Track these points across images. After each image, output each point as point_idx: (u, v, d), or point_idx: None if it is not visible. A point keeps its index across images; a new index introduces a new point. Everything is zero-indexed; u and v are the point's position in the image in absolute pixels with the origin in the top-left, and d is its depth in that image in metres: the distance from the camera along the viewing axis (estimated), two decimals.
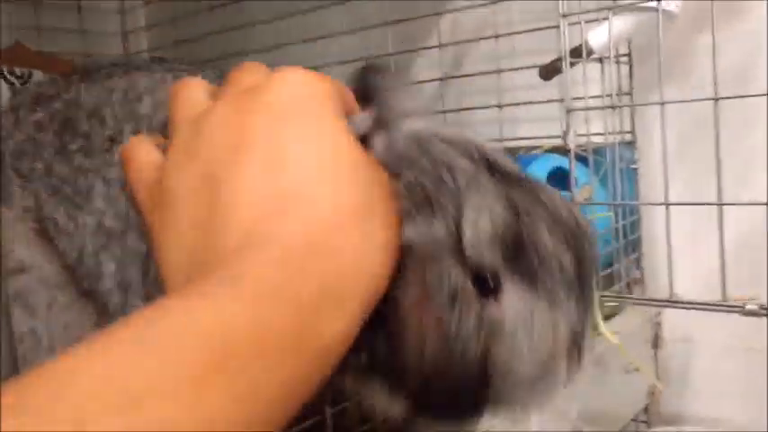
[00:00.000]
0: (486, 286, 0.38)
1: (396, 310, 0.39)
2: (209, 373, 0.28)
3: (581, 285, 0.39)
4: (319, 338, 0.33)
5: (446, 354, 0.38)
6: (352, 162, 0.38)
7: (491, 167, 0.40)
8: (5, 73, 1.19)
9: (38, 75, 1.22)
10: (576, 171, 0.82)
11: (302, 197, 0.36)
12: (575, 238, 0.39)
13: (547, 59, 0.86)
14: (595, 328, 0.73)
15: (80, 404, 0.25)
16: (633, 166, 0.89)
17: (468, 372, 0.39)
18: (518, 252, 0.38)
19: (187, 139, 0.41)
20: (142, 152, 0.44)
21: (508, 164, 0.42)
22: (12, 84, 1.19)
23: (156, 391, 0.26)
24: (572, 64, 0.79)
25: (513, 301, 0.38)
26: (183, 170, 0.40)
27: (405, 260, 0.39)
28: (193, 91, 0.44)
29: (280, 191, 0.37)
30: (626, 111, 0.90)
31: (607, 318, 0.81)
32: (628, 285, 0.87)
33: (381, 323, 0.39)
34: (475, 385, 0.39)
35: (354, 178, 0.38)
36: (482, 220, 0.38)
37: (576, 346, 0.40)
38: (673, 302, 0.74)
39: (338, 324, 0.34)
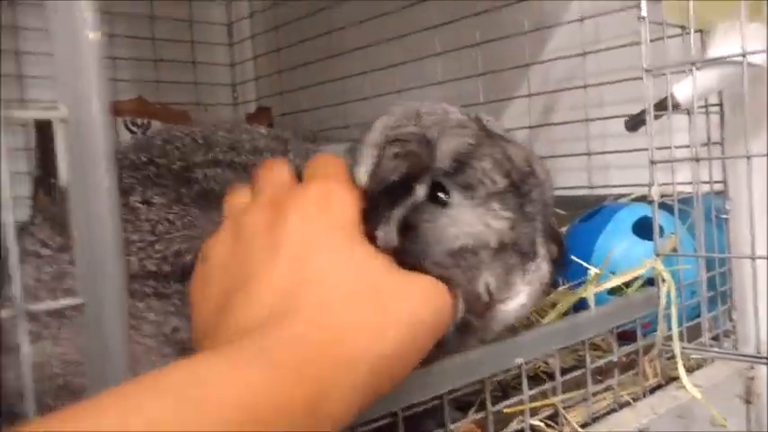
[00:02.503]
0: (439, 199, 0.52)
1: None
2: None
3: (520, 206, 0.52)
4: (329, 406, 0.39)
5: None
6: (363, 255, 0.47)
7: (484, 129, 0.55)
8: (128, 123, 1.31)
9: (156, 124, 1.33)
10: (663, 221, 0.82)
11: (320, 284, 0.44)
12: (518, 172, 0.52)
13: (635, 109, 0.87)
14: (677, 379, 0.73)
15: None
16: (724, 216, 0.88)
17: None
18: (463, 168, 0.51)
19: (232, 226, 0.50)
20: None
21: (497, 127, 0.57)
22: (134, 132, 1.31)
23: None
24: (658, 116, 0.79)
25: (456, 201, 0.51)
26: (225, 248, 0.49)
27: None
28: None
29: (302, 280, 0.44)
30: (717, 160, 0.89)
31: (692, 370, 0.80)
32: (717, 337, 0.85)
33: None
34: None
35: (363, 269, 0.46)
36: (452, 143, 0.52)
37: (503, 250, 0.51)
38: (753, 357, 0.72)
39: (348, 394, 0.40)
